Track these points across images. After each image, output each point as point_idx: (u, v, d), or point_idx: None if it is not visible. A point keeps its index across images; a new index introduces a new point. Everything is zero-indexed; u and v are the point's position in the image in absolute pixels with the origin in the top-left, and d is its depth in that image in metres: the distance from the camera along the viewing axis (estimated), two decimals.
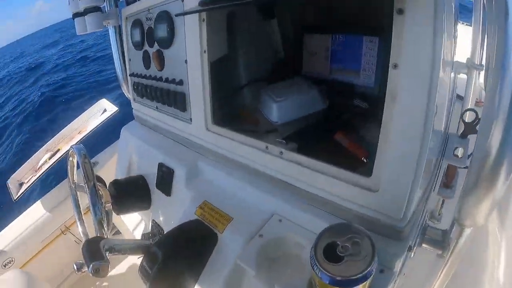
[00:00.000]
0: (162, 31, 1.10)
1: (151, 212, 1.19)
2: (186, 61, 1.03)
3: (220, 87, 1.00)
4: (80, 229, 1.13)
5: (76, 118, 1.97)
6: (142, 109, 1.38)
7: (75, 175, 1.16)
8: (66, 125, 1.99)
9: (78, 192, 1.16)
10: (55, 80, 11.10)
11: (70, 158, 1.12)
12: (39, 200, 1.87)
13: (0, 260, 1.73)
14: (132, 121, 1.48)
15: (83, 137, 1.76)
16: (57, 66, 13.80)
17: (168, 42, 1.09)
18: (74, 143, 1.81)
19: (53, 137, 1.94)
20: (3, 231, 1.84)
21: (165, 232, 1.04)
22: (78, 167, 1.06)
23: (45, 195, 1.89)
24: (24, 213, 1.88)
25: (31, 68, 15.88)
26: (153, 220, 1.16)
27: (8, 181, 1.81)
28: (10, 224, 1.86)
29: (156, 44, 1.16)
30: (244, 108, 1.13)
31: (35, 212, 1.81)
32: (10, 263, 1.76)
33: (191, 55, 1.01)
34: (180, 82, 1.07)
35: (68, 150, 1.52)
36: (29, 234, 1.76)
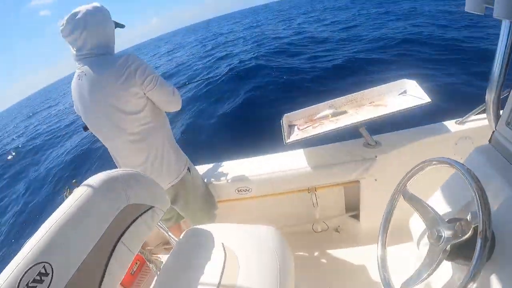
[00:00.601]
0: None
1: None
2: None
3: None
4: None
5: (374, 88, 1.72)
6: None
7: (412, 179, 1.00)
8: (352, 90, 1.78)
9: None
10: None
11: (428, 165, 0.94)
12: (303, 151, 1.81)
13: (237, 185, 1.81)
14: (487, 144, 1.10)
15: (377, 116, 1.47)
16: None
17: None
18: (364, 113, 1.59)
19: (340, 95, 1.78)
20: (249, 162, 1.92)
21: None
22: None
23: (308, 149, 1.81)
24: (281, 154, 1.88)
25: None
26: None
27: (283, 118, 1.78)
28: (260, 159, 1.92)
29: None
30: None
31: (296, 160, 1.76)
32: (245, 191, 1.82)
33: None
34: None
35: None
36: (276, 177, 1.74)
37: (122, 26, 1.50)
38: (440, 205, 1.04)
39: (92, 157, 6.97)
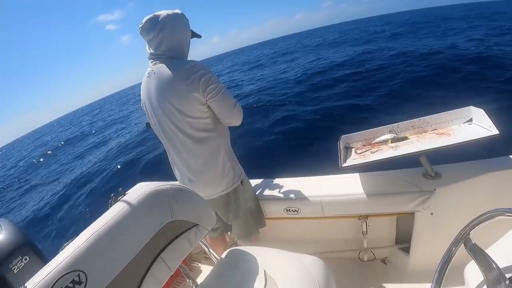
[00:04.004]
0: None
1: None
2: None
3: None
4: None
5: (437, 114, 1.64)
6: None
7: (477, 228, 0.85)
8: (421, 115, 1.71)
9: None
10: None
11: (499, 215, 0.80)
12: (358, 175, 1.77)
13: (286, 204, 1.82)
14: None
15: (440, 147, 1.38)
16: None
17: None
18: (426, 141, 1.51)
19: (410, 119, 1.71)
20: (301, 182, 1.90)
21: None
22: None
23: (364, 174, 1.77)
24: (335, 177, 1.85)
25: None
26: None
27: (340, 139, 1.76)
28: (313, 180, 1.91)
29: None
30: None
31: (350, 185, 1.72)
32: (293, 211, 1.83)
33: None
34: None
35: None
36: (328, 201, 1.72)
37: (199, 36, 1.54)
38: (503, 257, 0.89)
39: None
